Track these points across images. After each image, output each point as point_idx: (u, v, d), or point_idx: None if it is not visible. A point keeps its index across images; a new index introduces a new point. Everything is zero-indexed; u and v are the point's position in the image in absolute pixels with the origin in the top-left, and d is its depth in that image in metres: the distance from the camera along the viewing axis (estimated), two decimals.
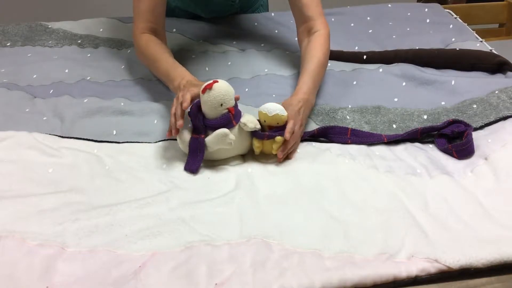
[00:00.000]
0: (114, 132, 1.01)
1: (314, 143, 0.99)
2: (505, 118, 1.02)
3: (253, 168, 0.92)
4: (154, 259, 0.73)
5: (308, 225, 0.79)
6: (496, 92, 1.07)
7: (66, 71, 1.23)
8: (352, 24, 1.45)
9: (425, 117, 1.05)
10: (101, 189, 0.87)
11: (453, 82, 1.14)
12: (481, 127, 1.01)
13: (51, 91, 1.15)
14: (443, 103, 1.09)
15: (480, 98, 1.07)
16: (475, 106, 1.05)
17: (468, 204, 0.83)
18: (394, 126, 1.03)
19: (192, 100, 0.91)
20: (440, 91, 1.13)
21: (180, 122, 0.88)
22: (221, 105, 0.88)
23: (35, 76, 1.21)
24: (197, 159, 0.91)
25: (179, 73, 1.03)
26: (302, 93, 1.01)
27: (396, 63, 1.23)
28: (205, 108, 0.89)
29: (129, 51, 1.34)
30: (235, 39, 1.39)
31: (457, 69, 1.21)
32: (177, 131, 0.90)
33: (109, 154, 0.95)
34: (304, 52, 1.13)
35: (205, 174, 0.91)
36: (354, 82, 1.18)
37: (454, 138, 0.97)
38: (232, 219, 0.80)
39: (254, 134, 0.92)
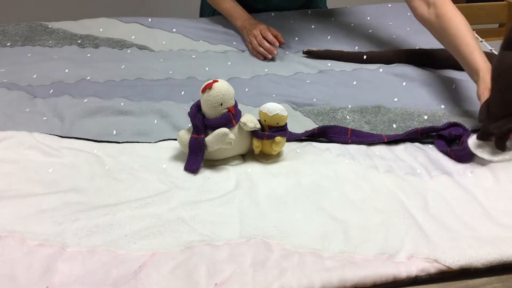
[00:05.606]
0: (114, 132, 1.01)
1: (314, 143, 0.99)
2: None
3: (253, 168, 0.92)
4: (154, 259, 0.73)
5: (308, 225, 0.79)
6: None
7: (66, 71, 1.23)
8: (352, 24, 1.45)
9: (425, 117, 1.04)
10: (101, 189, 0.87)
11: (453, 86, 1.13)
12: None
13: (51, 91, 1.15)
14: (442, 106, 1.09)
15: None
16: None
17: (468, 204, 0.83)
18: (394, 126, 1.03)
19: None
20: (440, 94, 1.13)
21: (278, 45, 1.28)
22: (221, 104, 0.88)
23: (35, 76, 1.21)
24: (197, 159, 0.91)
25: (241, 15, 1.39)
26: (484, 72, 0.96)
27: (396, 63, 1.23)
28: (205, 108, 0.89)
29: (129, 51, 1.34)
30: (235, 39, 1.39)
31: (457, 69, 1.21)
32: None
33: (109, 154, 0.95)
34: (439, 23, 1.09)
35: (205, 174, 0.91)
36: (354, 82, 1.18)
37: (451, 140, 0.97)
38: (232, 219, 0.80)
39: (254, 133, 0.92)
